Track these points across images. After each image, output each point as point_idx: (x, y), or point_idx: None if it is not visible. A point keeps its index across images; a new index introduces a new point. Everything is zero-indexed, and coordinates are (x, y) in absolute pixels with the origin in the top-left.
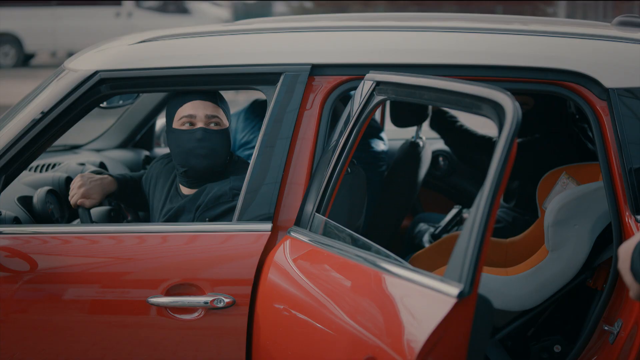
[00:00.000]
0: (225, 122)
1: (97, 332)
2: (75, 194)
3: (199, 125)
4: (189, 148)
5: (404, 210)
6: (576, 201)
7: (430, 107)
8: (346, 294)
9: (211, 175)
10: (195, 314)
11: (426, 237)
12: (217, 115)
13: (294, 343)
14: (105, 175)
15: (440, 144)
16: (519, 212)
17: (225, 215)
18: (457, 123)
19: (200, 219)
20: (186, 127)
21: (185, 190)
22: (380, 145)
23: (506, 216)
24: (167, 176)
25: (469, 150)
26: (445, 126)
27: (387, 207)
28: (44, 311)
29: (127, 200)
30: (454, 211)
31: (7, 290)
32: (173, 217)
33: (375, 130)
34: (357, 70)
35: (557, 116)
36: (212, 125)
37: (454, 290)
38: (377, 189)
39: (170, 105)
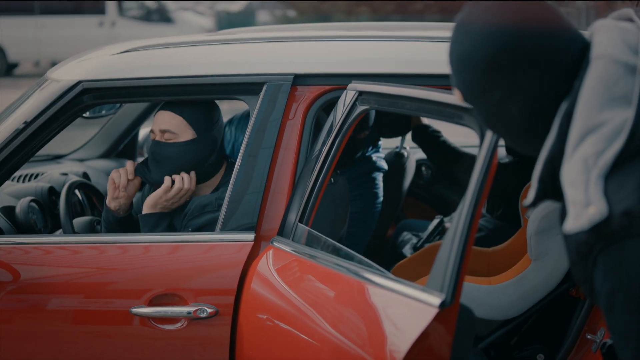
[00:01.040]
0: (185, 135)
1: (79, 342)
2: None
3: (156, 138)
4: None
5: (388, 220)
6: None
7: (412, 120)
8: (329, 304)
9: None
10: (178, 324)
11: (407, 248)
12: (169, 129)
13: (277, 353)
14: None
15: (424, 154)
16: (501, 221)
17: (209, 225)
18: (440, 138)
19: (186, 227)
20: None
21: None
22: (381, 180)
23: (488, 224)
24: None
25: (450, 165)
26: (428, 140)
27: None
28: (27, 321)
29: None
30: (435, 222)
31: None
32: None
33: (374, 165)
34: (340, 80)
35: None
36: (164, 139)
37: (435, 300)
38: (372, 226)
39: None
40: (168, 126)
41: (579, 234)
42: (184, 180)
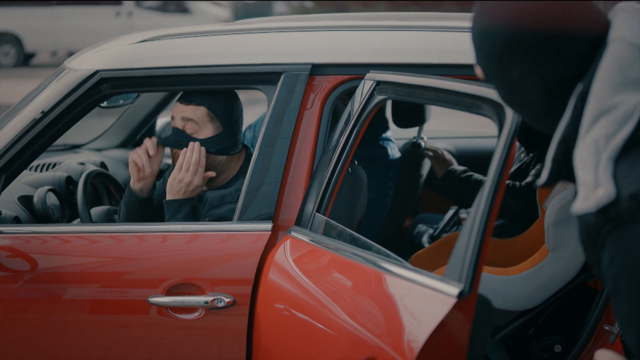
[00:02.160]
0: (206, 127)
1: (97, 331)
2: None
3: (177, 126)
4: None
5: (405, 211)
6: None
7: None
8: (346, 294)
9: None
10: (196, 314)
11: (425, 238)
12: (192, 118)
13: (295, 343)
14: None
15: (441, 144)
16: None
17: (228, 215)
18: (472, 177)
19: (205, 216)
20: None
21: None
22: (394, 169)
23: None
24: None
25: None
26: (459, 182)
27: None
28: (44, 311)
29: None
30: (450, 212)
31: (7, 290)
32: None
33: (385, 152)
34: (358, 70)
35: None
36: (186, 129)
37: (454, 290)
38: (382, 217)
39: None
40: (191, 115)
41: (587, 216)
42: (187, 152)
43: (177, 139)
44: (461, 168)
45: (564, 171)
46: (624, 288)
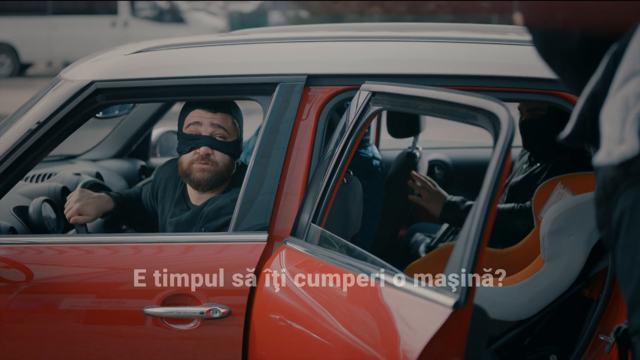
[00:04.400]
0: (232, 134)
1: (93, 342)
2: (70, 209)
3: (202, 132)
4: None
5: (400, 220)
6: (572, 211)
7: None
8: (342, 304)
9: (216, 182)
10: (191, 324)
11: (422, 248)
12: (224, 127)
13: (290, 353)
14: (103, 194)
15: (436, 154)
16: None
17: (225, 227)
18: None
19: (201, 229)
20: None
21: (192, 197)
22: (379, 174)
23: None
24: (177, 180)
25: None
26: (461, 217)
27: (383, 217)
28: (40, 321)
29: (124, 218)
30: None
31: (2, 300)
32: (181, 229)
33: (366, 158)
34: (353, 81)
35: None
36: (216, 135)
37: (449, 300)
38: (374, 226)
39: (181, 111)
40: (222, 123)
41: (607, 169)
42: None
43: (211, 145)
44: (458, 198)
45: (588, 129)
46: (630, 244)
